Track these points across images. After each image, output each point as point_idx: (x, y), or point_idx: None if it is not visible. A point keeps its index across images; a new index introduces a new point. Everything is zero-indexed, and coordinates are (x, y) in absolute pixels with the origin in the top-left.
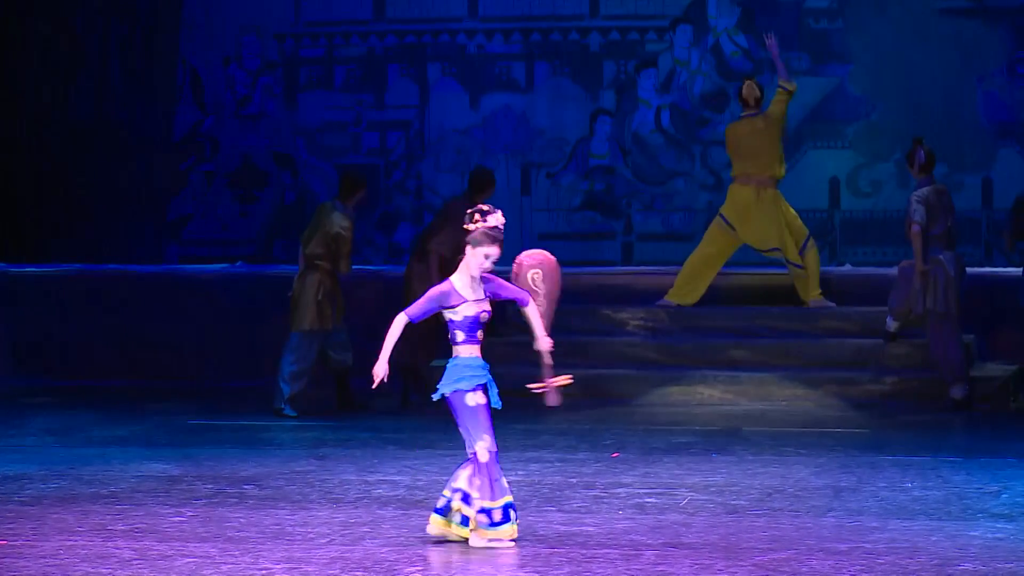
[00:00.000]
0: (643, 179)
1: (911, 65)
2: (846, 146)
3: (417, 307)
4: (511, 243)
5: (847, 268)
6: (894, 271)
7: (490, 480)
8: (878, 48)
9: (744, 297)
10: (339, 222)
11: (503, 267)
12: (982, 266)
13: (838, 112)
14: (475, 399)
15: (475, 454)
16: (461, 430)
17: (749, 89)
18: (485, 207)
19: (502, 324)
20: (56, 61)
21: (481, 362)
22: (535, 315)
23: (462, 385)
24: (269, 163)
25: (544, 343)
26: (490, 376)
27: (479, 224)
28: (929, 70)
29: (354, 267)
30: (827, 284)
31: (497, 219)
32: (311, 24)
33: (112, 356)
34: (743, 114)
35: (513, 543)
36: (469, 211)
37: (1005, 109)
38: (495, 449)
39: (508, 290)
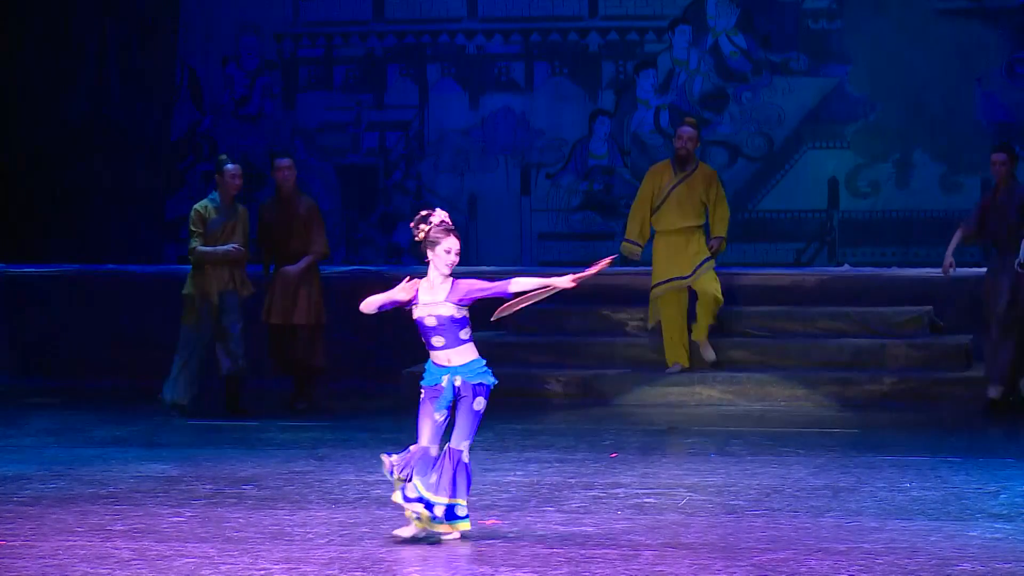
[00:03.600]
0: (642, 179)
1: (910, 65)
2: (845, 146)
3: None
4: (511, 242)
5: (846, 268)
6: (891, 271)
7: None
8: (877, 48)
9: (743, 297)
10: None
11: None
12: (981, 266)
13: (837, 112)
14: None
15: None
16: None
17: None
18: (423, 212)
19: None
20: (54, 61)
21: (432, 367)
22: (527, 283)
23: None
24: (267, 163)
25: (562, 281)
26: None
27: (424, 228)
28: (928, 70)
29: (353, 267)
30: (827, 284)
31: (440, 215)
32: (310, 24)
33: (111, 356)
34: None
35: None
36: (413, 224)
37: (1004, 109)
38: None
39: (484, 290)
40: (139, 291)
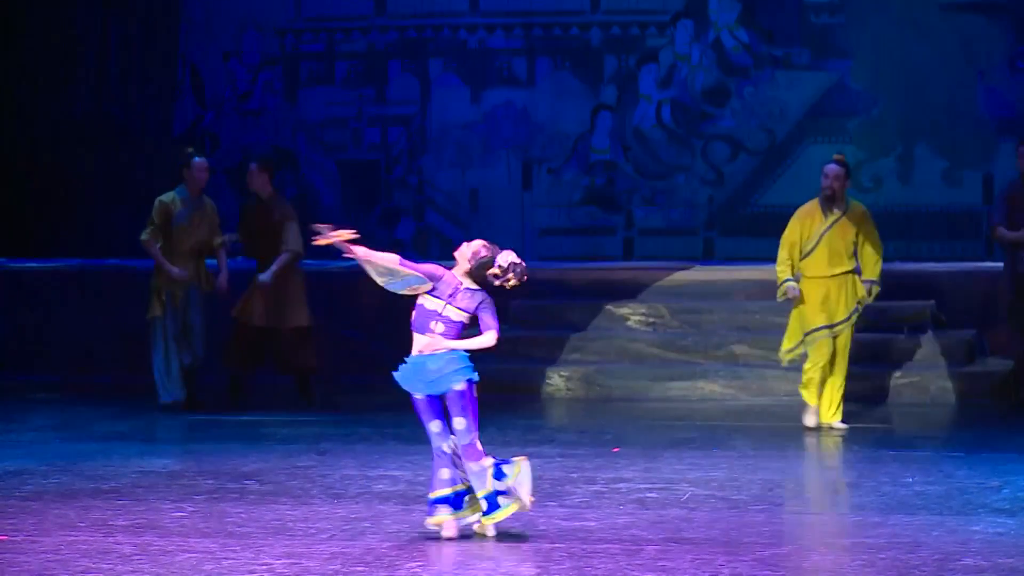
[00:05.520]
0: (644, 174)
1: (912, 60)
2: (847, 141)
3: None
4: (512, 238)
5: None
6: (893, 266)
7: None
8: (879, 43)
9: (745, 292)
10: None
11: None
12: (982, 261)
13: (839, 107)
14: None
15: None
16: (471, 419)
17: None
18: (508, 264)
19: None
20: (56, 57)
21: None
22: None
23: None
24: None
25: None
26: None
27: (510, 276)
28: (930, 65)
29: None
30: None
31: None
32: (312, 19)
33: (113, 351)
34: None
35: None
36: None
37: (1006, 104)
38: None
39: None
40: (141, 286)
